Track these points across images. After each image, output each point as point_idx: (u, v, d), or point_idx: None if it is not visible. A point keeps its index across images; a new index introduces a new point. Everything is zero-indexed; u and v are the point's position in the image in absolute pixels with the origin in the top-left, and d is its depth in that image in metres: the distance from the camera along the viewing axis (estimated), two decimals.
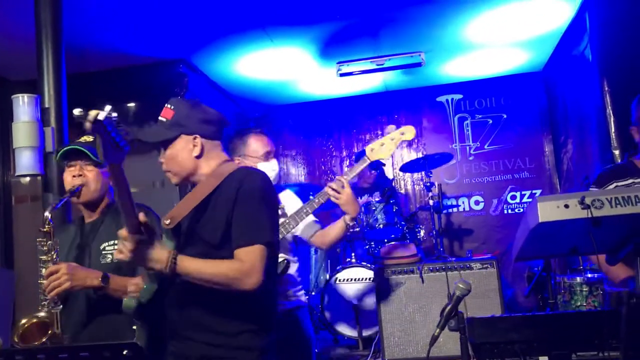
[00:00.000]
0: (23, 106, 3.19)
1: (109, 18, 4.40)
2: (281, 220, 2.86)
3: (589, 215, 1.75)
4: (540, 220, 1.78)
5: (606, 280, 2.84)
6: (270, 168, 2.99)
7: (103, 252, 2.45)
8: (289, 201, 3.03)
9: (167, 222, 1.96)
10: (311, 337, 3.01)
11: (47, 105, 3.30)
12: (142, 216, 1.79)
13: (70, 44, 3.94)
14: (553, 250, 2.08)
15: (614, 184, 2.55)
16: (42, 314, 2.28)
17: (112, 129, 1.57)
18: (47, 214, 2.30)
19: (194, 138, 2.06)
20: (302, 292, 3.09)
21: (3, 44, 4.61)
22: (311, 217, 3.03)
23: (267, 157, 3.01)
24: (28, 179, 3.34)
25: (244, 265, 1.87)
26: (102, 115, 1.51)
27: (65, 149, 2.48)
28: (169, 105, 2.08)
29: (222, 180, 2.01)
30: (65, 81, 3.42)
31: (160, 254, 1.82)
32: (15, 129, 3.20)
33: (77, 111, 1.54)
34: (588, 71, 4.58)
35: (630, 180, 2.54)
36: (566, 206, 1.77)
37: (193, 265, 1.86)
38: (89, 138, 2.50)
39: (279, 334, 2.08)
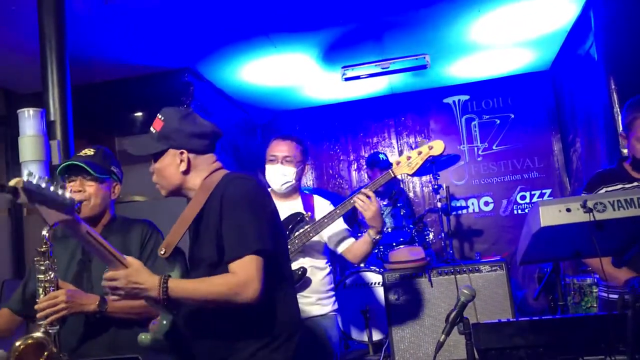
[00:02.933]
0: (29, 120, 3.22)
1: (114, 29, 4.43)
2: (305, 227, 2.85)
3: (592, 219, 1.74)
4: (542, 225, 1.77)
5: (600, 286, 2.81)
6: (279, 173, 2.97)
7: (107, 268, 2.43)
8: (319, 207, 3.01)
9: (162, 251, 1.92)
10: (333, 349, 2.91)
11: (52, 119, 3.32)
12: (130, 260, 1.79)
13: (76, 56, 3.97)
14: (556, 253, 2.07)
15: (604, 189, 2.54)
16: (37, 334, 2.24)
17: (41, 189, 1.52)
18: (44, 232, 2.25)
19: (181, 153, 1.99)
20: (331, 299, 3.02)
21: (10, 57, 4.66)
22: (340, 226, 3.00)
23: (272, 160, 3.00)
24: None
25: (238, 277, 1.79)
26: (20, 183, 1.47)
27: (64, 164, 2.47)
28: (160, 116, 2.02)
29: (210, 193, 1.95)
30: (70, 94, 3.44)
31: (151, 281, 1.77)
32: (22, 143, 3.22)
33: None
34: (594, 70, 4.55)
35: (619, 186, 2.53)
36: (568, 210, 1.76)
37: (186, 287, 1.80)
38: (90, 152, 2.51)
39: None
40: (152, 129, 2.04)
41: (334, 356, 2.94)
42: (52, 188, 1.57)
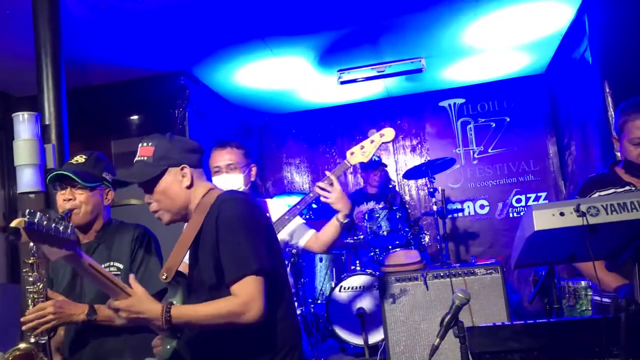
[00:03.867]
0: (23, 124, 3.21)
1: (110, 32, 4.43)
2: None
3: (585, 223, 1.74)
4: (536, 229, 1.77)
5: (594, 289, 2.82)
6: (226, 183, 2.87)
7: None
8: (274, 209, 2.99)
9: (164, 276, 1.92)
10: None
11: (47, 122, 3.32)
12: (131, 279, 1.80)
13: (72, 59, 3.98)
14: (551, 257, 2.07)
15: (597, 194, 2.55)
16: (24, 345, 2.23)
17: (42, 227, 1.54)
18: (31, 244, 2.22)
19: (182, 168, 1.99)
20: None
21: (6, 61, 4.65)
22: (297, 221, 2.99)
23: (217, 171, 2.91)
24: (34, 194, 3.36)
25: (241, 299, 1.79)
26: (22, 224, 1.48)
27: (52, 174, 2.44)
28: (145, 144, 2.00)
29: (205, 215, 1.93)
30: (65, 98, 3.44)
31: (154, 310, 1.77)
32: (16, 146, 3.22)
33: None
34: (589, 73, 4.57)
35: (612, 190, 2.54)
36: (562, 214, 1.76)
37: (189, 313, 1.81)
38: (81, 158, 2.48)
39: None
40: (142, 158, 2.00)
41: None
42: (53, 225, 1.59)
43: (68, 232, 1.62)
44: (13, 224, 1.49)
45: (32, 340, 2.27)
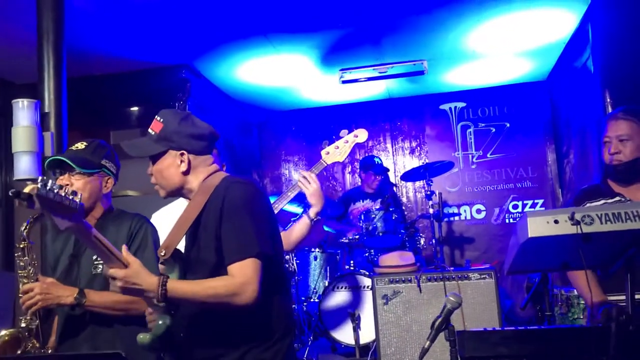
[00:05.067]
0: (22, 111, 3.21)
1: (112, 23, 4.43)
2: None
3: (579, 231, 1.75)
4: (529, 235, 1.78)
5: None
6: None
7: (95, 263, 2.41)
8: None
9: (162, 253, 1.93)
10: None
11: (47, 110, 3.32)
12: (124, 250, 1.80)
13: (73, 48, 3.96)
14: (544, 265, 2.08)
15: (587, 205, 2.57)
16: (11, 330, 2.25)
17: (53, 194, 1.56)
18: (22, 229, 2.26)
19: (182, 154, 2.01)
20: None
21: (8, 48, 4.65)
22: None
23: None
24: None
25: (236, 280, 1.81)
26: (34, 190, 1.51)
27: (49, 159, 2.44)
28: (158, 118, 2.02)
29: (209, 195, 1.96)
30: (65, 86, 3.43)
31: (150, 282, 1.78)
32: (15, 133, 3.22)
33: (11, 192, 1.57)
34: (590, 82, 4.57)
35: (602, 202, 2.56)
36: (556, 222, 1.77)
37: (185, 288, 1.82)
38: (81, 145, 2.47)
39: None
40: (150, 130, 2.03)
41: None
42: (63, 194, 1.61)
43: (77, 202, 1.63)
44: (26, 189, 1.52)
45: (23, 325, 2.27)
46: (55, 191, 1.57)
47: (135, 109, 5.67)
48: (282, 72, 5.67)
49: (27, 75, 4.78)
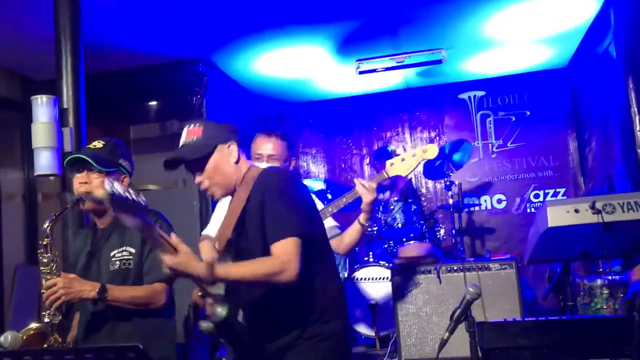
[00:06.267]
0: (42, 107, 3.25)
1: (129, 18, 4.45)
2: None
3: (600, 220, 1.72)
4: (549, 225, 1.75)
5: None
6: None
7: (112, 259, 2.47)
8: None
9: (216, 246, 2.08)
10: None
11: (65, 106, 3.35)
12: (174, 238, 1.92)
13: (91, 44, 3.99)
14: (564, 254, 2.05)
15: None
16: (37, 324, 2.31)
17: (128, 196, 1.70)
18: (45, 226, 2.32)
19: (229, 145, 2.14)
20: None
21: (27, 44, 4.70)
22: (331, 222, 3.01)
23: (258, 158, 2.95)
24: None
25: (279, 258, 1.94)
26: (107, 196, 1.65)
27: (69, 158, 2.50)
28: (192, 126, 2.16)
29: (251, 188, 2.08)
30: (83, 82, 3.46)
31: (200, 266, 1.89)
32: (34, 129, 3.25)
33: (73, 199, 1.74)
34: (612, 68, 4.48)
35: None
36: (576, 211, 1.74)
37: (231, 269, 1.96)
38: (99, 144, 2.52)
39: None
40: (191, 137, 2.14)
41: None
42: (132, 194, 1.76)
43: (143, 201, 1.76)
44: (98, 194, 1.65)
45: (46, 320, 2.32)
46: (128, 194, 1.70)
47: (153, 103, 5.70)
48: (298, 63, 5.65)
49: (46, 71, 4.84)
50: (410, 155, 2.85)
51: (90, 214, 2.59)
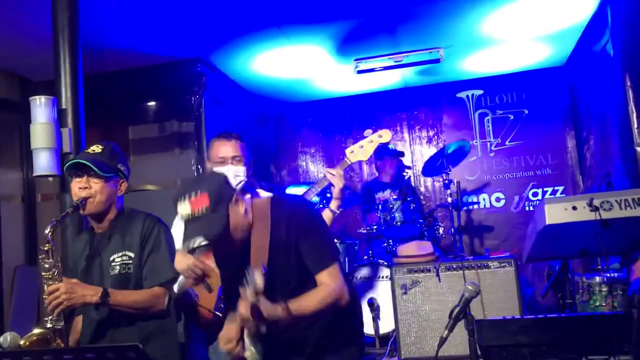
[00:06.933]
0: (40, 107, 3.24)
1: (127, 18, 4.45)
2: None
3: (598, 218, 1.72)
4: (547, 223, 1.76)
5: None
6: (232, 173, 2.90)
7: (112, 264, 2.48)
8: None
9: (258, 286, 1.98)
10: None
11: (64, 107, 3.35)
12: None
13: (89, 44, 3.99)
14: (562, 251, 2.06)
15: None
16: (39, 330, 2.29)
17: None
18: (46, 231, 2.31)
19: (236, 200, 2.06)
20: None
21: (25, 45, 4.70)
22: None
23: (221, 162, 2.97)
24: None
25: (335, 285, 2.04)
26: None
27: (70, 162, 2.49)
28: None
29: (270, 221, 2.08)
30: (82, 83, 3.46)
31: (276, 308, 1.89)
32: (33, 130, 3.25)
33: None
34: (610, 66, 4.49)
35: None
36: (574, 208, 1.75)
37: (301, 304, 1.98)
38: (98, 148, 2.52)
39: None
40: (199, 209, 1.97)
41: None
42: None
43: None
44: None
45: (49, 325, 2.31)
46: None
47: (152, 103, 5.70)
48: (297, 63, 5.66)
49: (44, 72, 4.84)
50: (368, 141, 3.17)
51: (88, 218, 2.58)
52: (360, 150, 3.17)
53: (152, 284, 2.47)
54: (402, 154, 5.82)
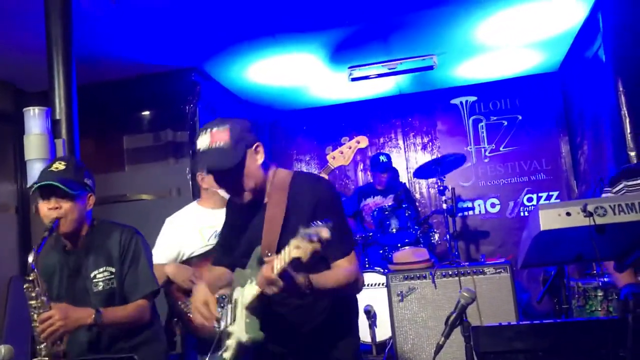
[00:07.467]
0: (34, 119, 3.24)
1: (121, 28, 4.45)
2: None
3: (592, 223, 1.72)
4: (542, 229, 1.76)
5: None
6: None
7: (94, 281, 2.46)
8: None
9: (268, 254, 1.96)
10: None
11: (58, 117, 3.34)
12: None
13: (84, 55, 4.00)
14: (557, 257, 2.05)
15: (623, 183, 2.54)
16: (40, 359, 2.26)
17: None
18: (30, 260, 2.25)
19: (256, 147, 2.05)
20: None
21: (17, 56, 4.69)
22: None
23: None
24: None
25: (355, 268, 2.04)
26: None
27: (38, 185, 2.39)
28: (216, 128, 2.00)
29: (287, 192, 2.04)
30: (76, 93, 3.46)
31: (301, 279, 1.85)
32: (27, 141, 3.25)
33: None
34: (602, 72, 4.52)
35: (639, 180, 2.53)
36: (568, 214, 1.75)
37: (320, 278, 1.93)
38: (61, 165, 2.45)
39: None
40: (217, 143, 1.98)
41: None
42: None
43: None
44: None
45: (45, 352, 2.26)
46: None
47: (146, 113, 5.69)
48: (291, 71, 5.67)
49: (38, 83, 4.84)
50: (347, 147, 3.36)
51: (62, 237, 2.52)
52: (341, 156, 3.33)
53: (136, 297, 2.48)
54: (392, 168, 5.81)
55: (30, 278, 2.28)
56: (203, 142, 2.00)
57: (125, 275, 2.48)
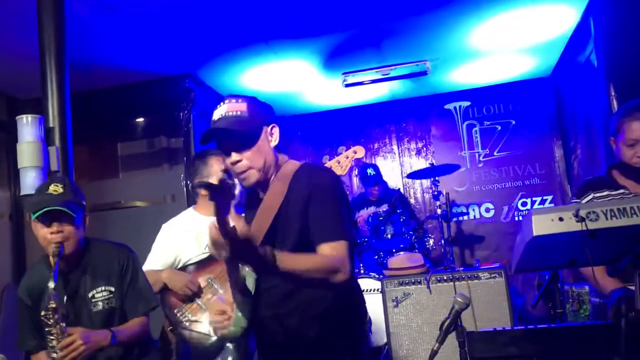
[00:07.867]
0: (27, 126, 3.23)
1: (115, 35, 4.45)
2: None
3: (584, 228, 1.73)
4: (534, 234, 1.76)
5: (593, 292, 2.83)
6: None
7: (93, 300, 2.49)
8: None
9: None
10: None
11: (51, 125, 3.32)
12: (239, 223, 1.73)
13: (77, 62, 3.99)
14: (551, 262, 2.06)
15: (591, 195, 2.58)
16: None
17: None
18: (51, 287, 2.25)
19: (272, 127, 2.03)
20: None
21: (12, 63, 4.68)
22: None
23: None
24: None
25: (337, 258, 1.86)
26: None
27: (42, 210, 2.35)
28: (235, 100, 1.97)
29: (289, 183, 1.97)
30: (69, 100, 3.44)
31: (262, 250, 1.71)
32: (20, 149, 3.24)
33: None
34: (594, 76, 4.54)
35: (605, 192, 2.57)
36: (561, 219, 1.75)
37: (289, 257, 1.79)
38: (59, 188, 2.42)
39: None
40: (235, 112, 1.95)
41: None
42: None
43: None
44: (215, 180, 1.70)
45: None
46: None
47: (140, 120, 5.70)
48: (285, 78, 5.68)
49: (31, 90, 4.84)
50: (344, 157, 3.34)
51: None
52: (338, 166, 3.30)
53: (137, 315, 2.55)
54: (381, 181, 5.79)
55: (52, 306, 2.29)
56: (219, 111, 1.97)
57: (126, 294, 2.53)
